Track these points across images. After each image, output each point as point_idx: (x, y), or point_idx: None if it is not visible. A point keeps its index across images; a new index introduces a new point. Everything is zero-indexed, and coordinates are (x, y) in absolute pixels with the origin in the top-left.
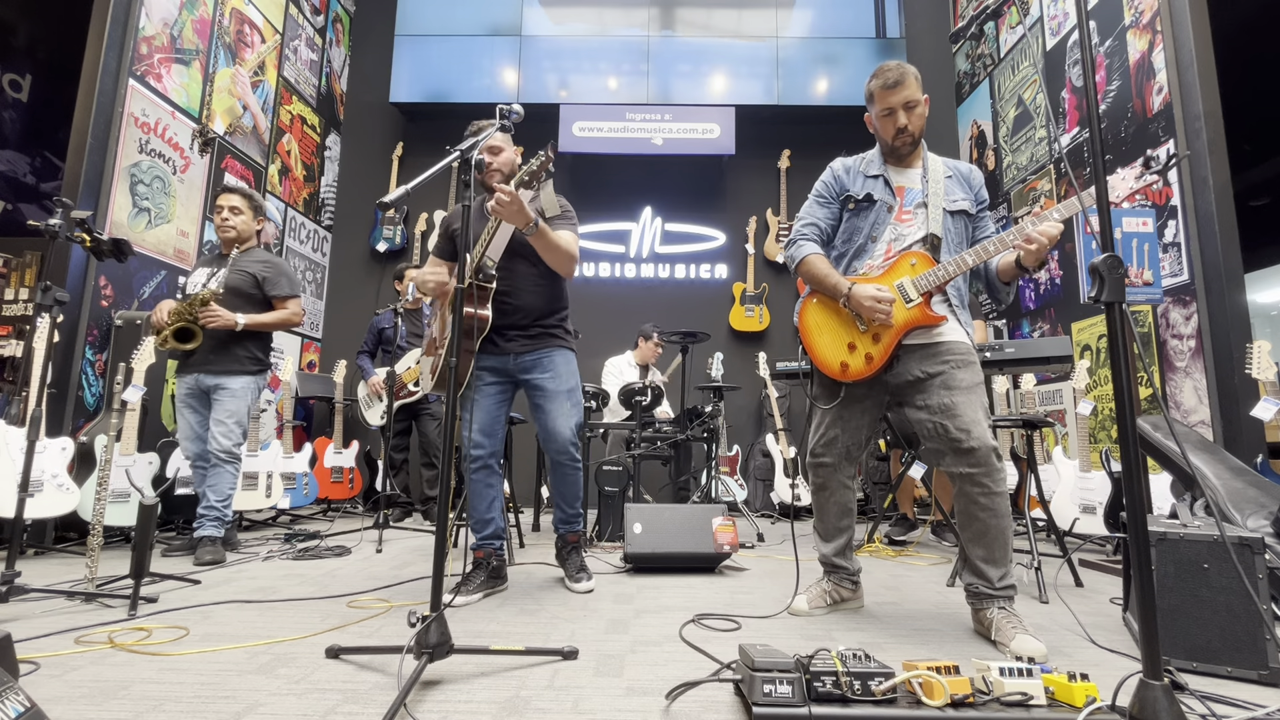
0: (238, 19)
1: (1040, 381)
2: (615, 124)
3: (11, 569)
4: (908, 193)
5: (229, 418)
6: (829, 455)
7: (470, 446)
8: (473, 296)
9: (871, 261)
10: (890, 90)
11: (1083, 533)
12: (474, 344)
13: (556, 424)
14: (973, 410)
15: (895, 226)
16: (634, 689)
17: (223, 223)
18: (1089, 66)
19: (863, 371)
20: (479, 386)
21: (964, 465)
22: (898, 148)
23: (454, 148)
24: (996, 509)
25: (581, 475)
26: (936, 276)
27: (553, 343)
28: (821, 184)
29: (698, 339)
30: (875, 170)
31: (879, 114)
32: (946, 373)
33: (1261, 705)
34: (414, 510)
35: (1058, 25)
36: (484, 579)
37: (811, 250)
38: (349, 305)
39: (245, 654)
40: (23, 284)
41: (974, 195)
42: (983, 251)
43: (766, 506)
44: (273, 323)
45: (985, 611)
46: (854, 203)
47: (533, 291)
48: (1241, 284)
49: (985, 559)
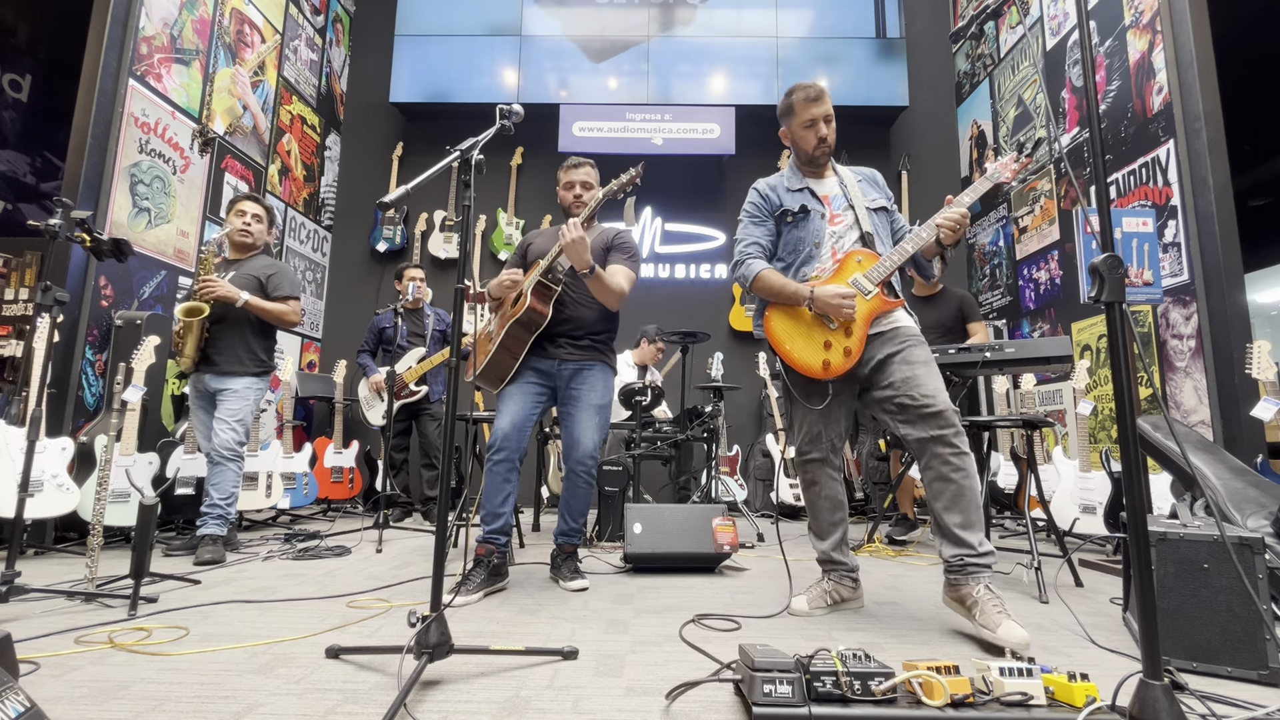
0: (238, 19)
1: (1040, 381)
2: (615, 124)
3: (11, 569)
4: (832, 199)
5: (231, 417)
6: (816, 450)
7: (498, 437)
8: (539, 295)
9: (821, 265)
10: (813, 103)
11: (1083, 533)
12: (529, 339)
13: (582, 434)
14: (933, 379)
15: (832, 230)
16: (634, 689)
17: (244, 227)
18: (1089, 66)
19: (844, 365)
20: (520, 383)
21: (933, 428)
22: (817, 157)
23: (454, 147)
24: (966, 469)
25: (593, 492)
26: (884, 267)
27: (598, 357)
28: (751, 205)
29: (698, 339)
30: (797, 184)
31: (801, 125)
32: (904, 350)
33: (1261, 705)
34: (414, 510)
35: (1058, 25)
36: (484, 577)
37: (762, 266)
38: (349, 305)
39: (245, 654)
40: (23, 284)
41: (884, 193)
42: (917, 239)
43: (766, 506)
44: (274, 312)
45: (968, 588)
46: (791, 216)
47: (590, 306)
48: (1241, 284)
49: (963, 524)
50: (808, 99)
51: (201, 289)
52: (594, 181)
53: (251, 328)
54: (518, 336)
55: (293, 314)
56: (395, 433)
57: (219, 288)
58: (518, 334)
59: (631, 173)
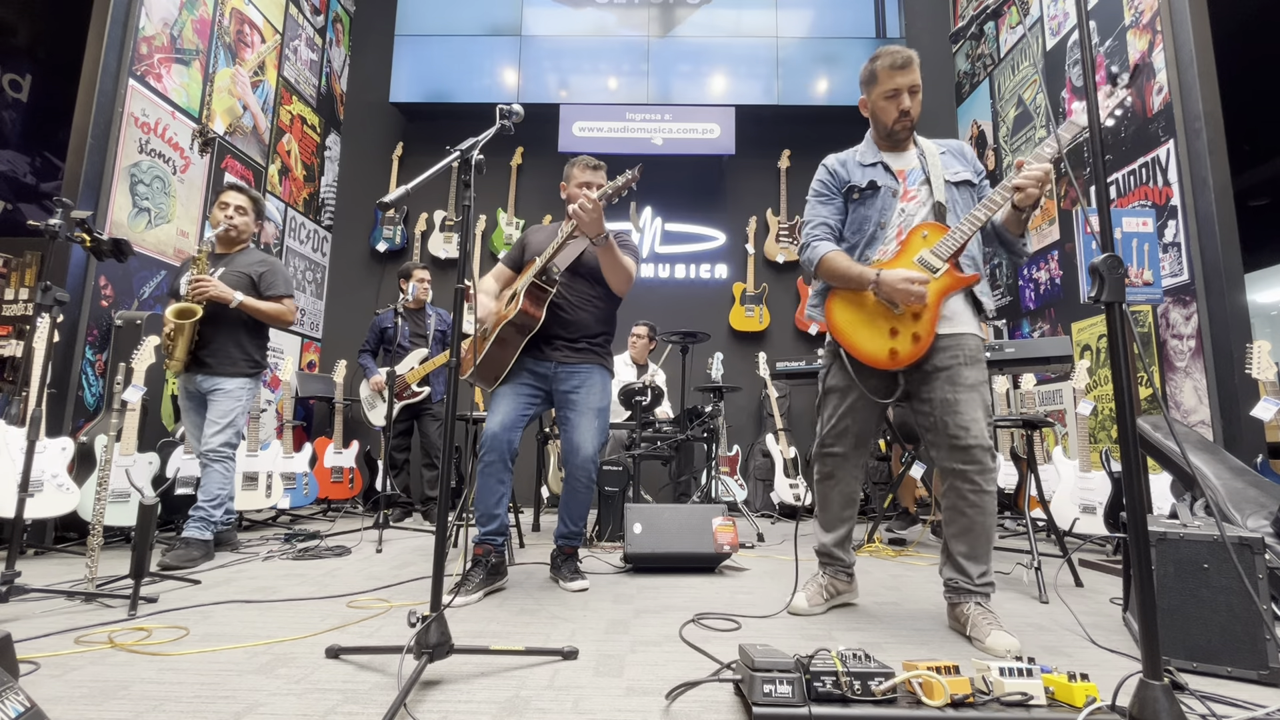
0: (238, 19)
1: (1040, 381)
2: (615, 124)
3: (11, 569)
4: (909, 174)
5: (222, 418)
6: (840, 445)
7: (488, 438)
8: (532, 296)
9: (884, 247)
10: (899, 71)
11: (1083, 533)
12: (522, 341)
13: (582, 438)
14: (973, 409)
15: (903, 209)
16: (634, 689)
17: (226, 220)
18: (1089, 66)
19: (914, 353)
20: (514, 383)
21: (958, 461)
22: (897, 131)
23: (454, 147)
24: (984, 507)
25: (593, 496)
26: (954, 240)
27: (594, 360)
28: (819, 183)
29: (698, 339)
30: (871, 159)
31: (883, 95)
32: (954, 369)
33: (1261, 705)
34: (414, 510)
35: (1058, 25)
36: (483, 577)
37: (829, 249)
38: (349, 305)
39: (245, 654)
40: (23, 284)
41: (972, 166)
42: (990, 204)
43: (766, 506)
44: (269, 312)
45: (961, 607)
46: (858, 192)
47: (587, 309)
48: (1241, 284)
49: (967, 555)
50: (893, 66)
51: (194, 289)
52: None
53: (244, 327)
54: (511, 338)
55: (288, 314)
56: (396, 433)
57: (212, 288)
58: (510, 335)
59: (630, 174)
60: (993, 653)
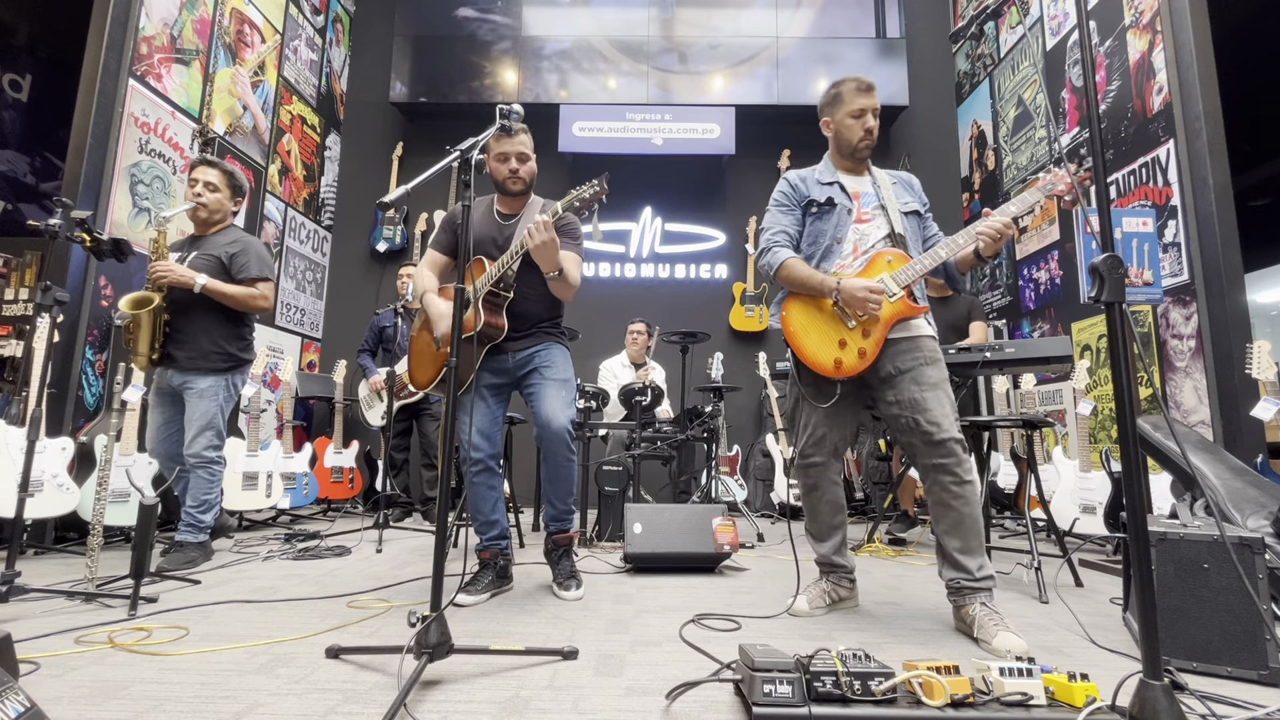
0: (238, 19)
1: (1040, 381)
2: (615, 124)
3: (11, 569)
4: (863, 196)
5: (198, 420)
6: (819, 454)
7: (470, 449)
8: (490, 305)
9: (841, 261)
10: (864, 94)
11: (1083, 533)
12: (484, 350)
13: (552, 409)
14: (941, 405)
15: (857, 228)
16: (634, 689)
17: (195, 198)
18: (1089, 66)
19: (856, 367)
20: (478, 388)
21: (935, 456)
22: (859, 149)
23: (454, 147)
24: (968, 497)
25: (575, 469)
26: (914, 270)
27: (549, 339)
28: (780, 194)
29: (698, 339)
30: (829, 178)
31: (850, 114)
32: (916, 369)
33: (1261, 705)
34: (414, 510)
35: (1058, 25)
36: (491, 579)
37: (789, 254)
38: (349, 305)
39: (245, 654)
40: (23, 284)
41: (919, 198)
42: (953, 245)
43: (766, 506)
44: (237, 297)
45: (967, 608)
46: (816, 206)
47: (538, 300)
48: (1241, 284)
49: (962, 549)
50: (859, 89)
51: (150, 275)
52: (531, 152)
53: (216, 316)
54: (473, 349)
55: (260, 298)
56: (395, 433)
57: (171, 272)
58: (473, 347)
59: (595, 186)
60: (1000, 654)
